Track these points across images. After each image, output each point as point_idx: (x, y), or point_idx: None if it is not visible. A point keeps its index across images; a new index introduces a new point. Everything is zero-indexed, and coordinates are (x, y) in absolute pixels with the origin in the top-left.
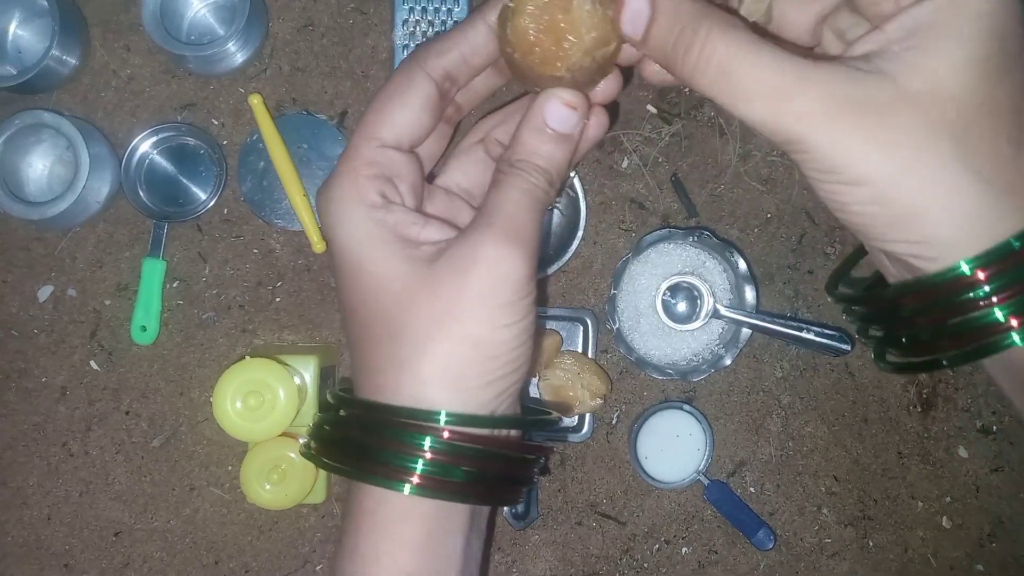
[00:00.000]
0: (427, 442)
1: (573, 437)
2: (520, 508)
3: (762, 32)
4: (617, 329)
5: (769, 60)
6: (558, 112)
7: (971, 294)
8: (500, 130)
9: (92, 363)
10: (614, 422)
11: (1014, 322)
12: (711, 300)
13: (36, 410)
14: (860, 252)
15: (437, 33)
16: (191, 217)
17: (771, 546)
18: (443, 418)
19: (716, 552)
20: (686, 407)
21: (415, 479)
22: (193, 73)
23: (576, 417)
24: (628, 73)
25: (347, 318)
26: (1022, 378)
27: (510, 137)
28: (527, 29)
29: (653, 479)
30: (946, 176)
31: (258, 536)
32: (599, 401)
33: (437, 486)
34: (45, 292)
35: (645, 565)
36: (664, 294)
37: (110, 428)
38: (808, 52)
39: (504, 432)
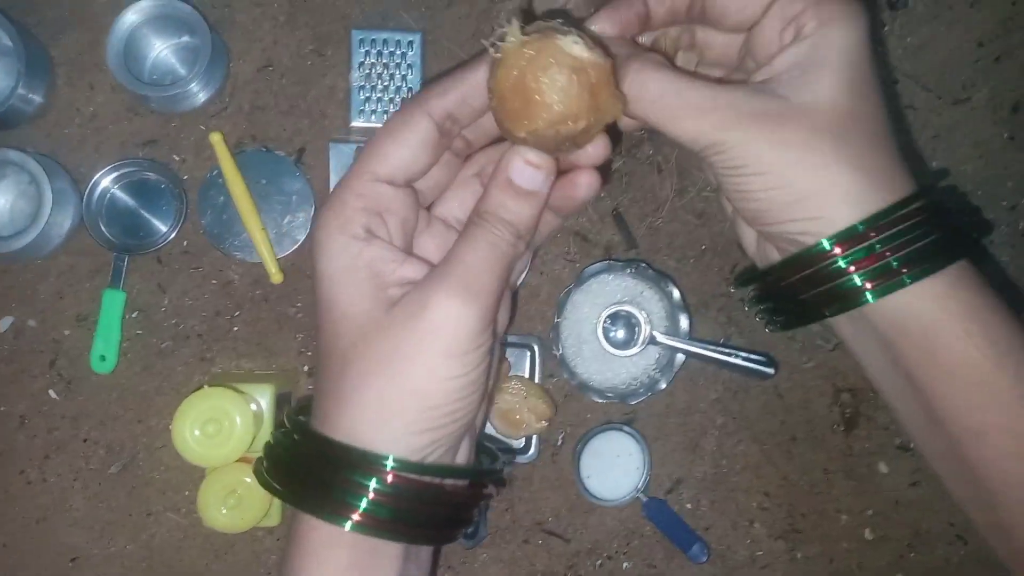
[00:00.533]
0: (372, 482)
1: (520, 458)
2: (469, 527)
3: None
4: (561, 355)
5: (691, 86)
6: (520, 169)
7: (831, 265)
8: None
9: (51, 392)
10: (559, 443)
11: (868, 284)
12: (648, 328)
13: None
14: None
15: (391, 75)
16: (151, 250)
17: (705, 559)
18: (390, 463)
19: (655, 566)
20: (626, 428)
21: (356, 516)
22: (155, 111)
23: (523, 439)
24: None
25: (319, 343)
26: (872, 330)
27: (474, 129)
28: (504, 82)
29: (596, 497)
30: (828, 165)
31: (215, 559)
32: (544, 424)
33: (376, 524)
34: (6, 323)
35: None
36: (604, 322)
37: (68, 455)
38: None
39: (456, 481)
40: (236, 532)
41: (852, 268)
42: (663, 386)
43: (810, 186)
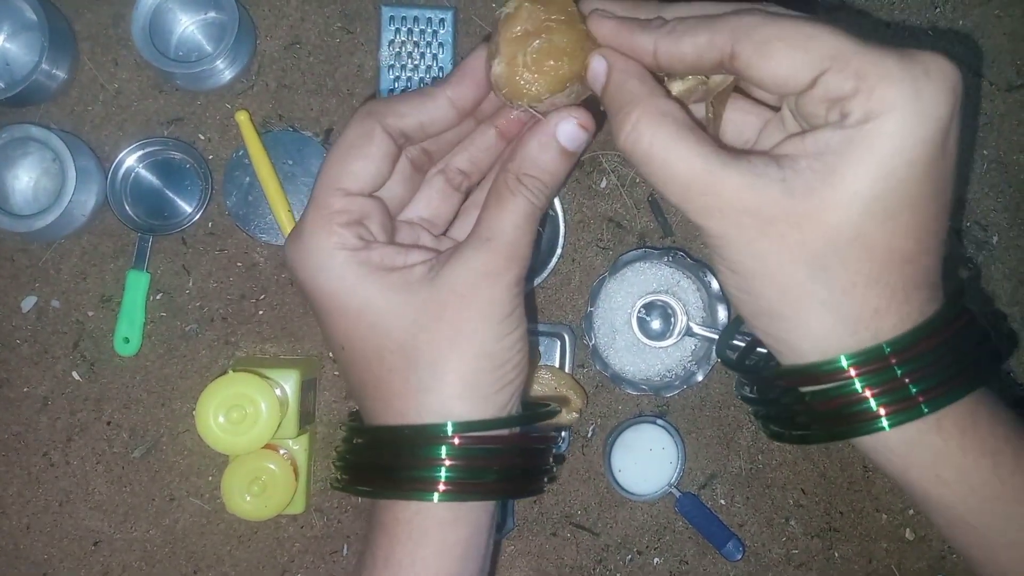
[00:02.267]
0: (443, 451)
1: None
2: (496, 519)
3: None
4: (593, 345)
5: (684, 157)
6: (571, 131)
7: (847, 386)
8: (460, 158)
9: (74, 374)
10: (589, 435)
11: (883, 411)
12: (684, 318)
13: (17, 420)
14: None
15: (422, 54)
16: (176, 230)
17: (740, 557)
18: (450, 428)
19: (687, 563)
20: (659, 421)
21: (441, 487)
22: (181, 89)
23: (553, 430)
24: None
25: (349, 358)
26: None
27: (470, 164)
28: (513, 64)
29: (627, 491)
30: (797, 296)
31: (237, 546)
32: (575, 415)
33: (461, 489)
34: (29, 303)
35: (618, 575)
36: (639, 312)
37: (91, 438)
38: (727, 145)
39: (516, 429)
40: (260, 519)
41: (868, 392)
42: (699, 379)
43: (776, 306)
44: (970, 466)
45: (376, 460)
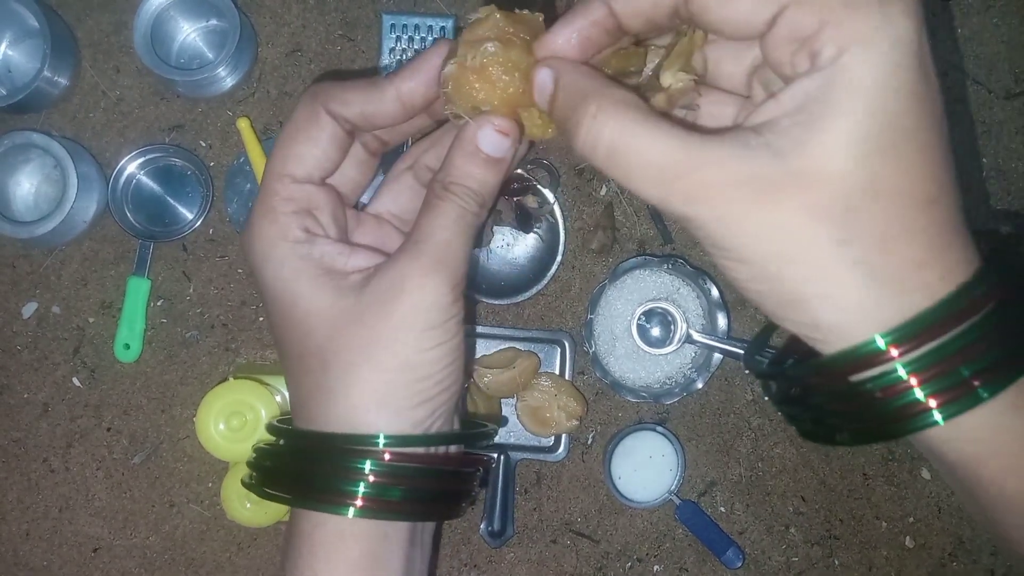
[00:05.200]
0: (367, 465)
1: (549, 457)
2: (496, 526)
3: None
4: (593, 352)
5: (656, 140)
6: (490, 137)
7: (889, 374)
8: (430, 155)
9: (75, 380)
10: (589, 442)
11: (933, 402)
12: (684, 326)
13: (17, 426)
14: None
15: None
16: (177, 237)
17: (740, 564)
18: (382, 440)
19: (687, 570)
20: (659, 429)
21: (358, 502)
22: (182, 96)
23: (552, 437)
24: None
25: (281, 353)
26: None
27: (438, 161)
28: (461, 68)
29: (627, 499)
30: (825, 264)
31: (237, 552)
32: (575, 422)
33: (380, 507)
34: (29, 309)
35: None
36: (639, 319)
37: (91, 444)
38: (698, 127)
39: (442, 449)
40: (259, 526)
41: (914, 380)
42: (699, 386)
43: (803, 287)
44: None
45: (294, 465)
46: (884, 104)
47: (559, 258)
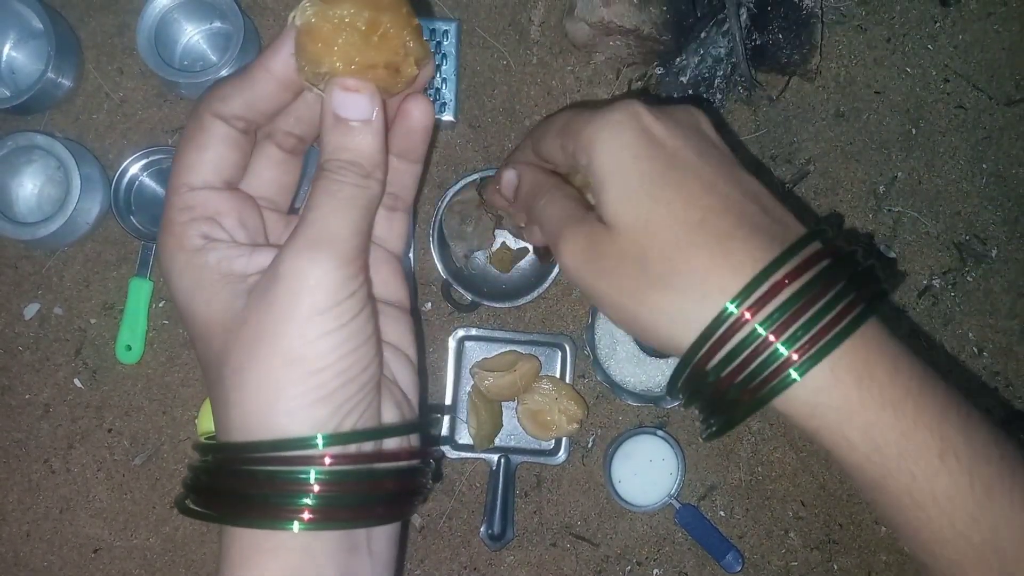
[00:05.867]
0: (312, 474)
1: (550, 460)
2: (496, 529)
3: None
4: (594, 356)
5: (562, 216)
6: (342, 99)
7: (749, 336)
8: (286, 119)
9: (76, 381)
10: (590, 446)
11: (795, 356)
12: None
13: (19, 427)
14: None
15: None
16: None
17: (739, 568)
18: (320, 441)
19: (686, 574)
20: (659, 432)
21: (304, 515)
22: (185, 98)
23: (553, 441)
24: None
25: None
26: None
27: (298, 124)
28: (304, 34)
29: (626, 502)
30: (643, 297)
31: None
32: (576, 426)
33: (328, 517)
34: (31, 310)
35: None
36: None
37: (92, 446)
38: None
39: (368, 446)
40: None
41: (772, 336)
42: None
43: (643, 317)
44: (871, 422)
45: (219, 482)
46: (626, 171)
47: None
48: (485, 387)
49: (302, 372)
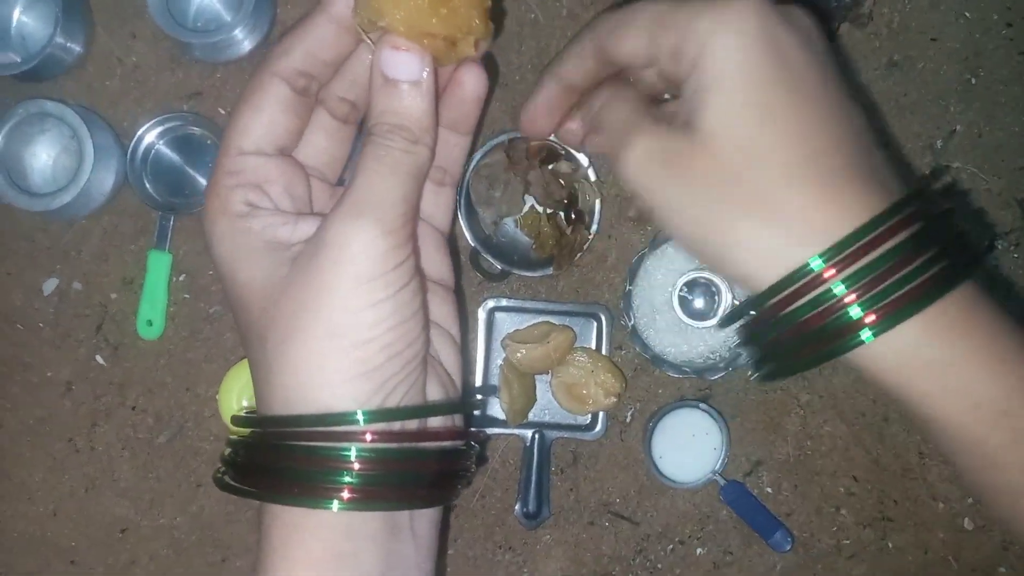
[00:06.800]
0: (352, 451)
1: (586, 435)
2: (531, 507)
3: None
4: (632, 326)
5: (628, 127)
6: (390, 58)
7: (825, 293)
8: (339, 83)
9: (98, 357)
10: (628, 420)
11: (870, 318)
12: (730, 296)
13: (41, 404)
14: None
15: None
16: (197, 209)
17: (788, 548)
18: (361, 418)
19: (731, 553)
20: (702, 405)
21: (344, 493)
22: (199, 60)
23: (589, 415)
24: None
25: (238, 331)
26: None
27: (352, 87)
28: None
29: (668, 478)
30: (736, 219)
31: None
32: (613, 399)
33: (368, 496)
34: (50, 285)
35: (659, 566)
36: (681, 290)
37: (116, 424)
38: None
39: (412, 424)
40: None
41: (852, 296)
42: (744, 361)
43: (724, 244)
44: (971, 379)
45: (259, 457)
46: (743, 79)
47: (595, 227)
48: (517, 360)
49: (345, 344)
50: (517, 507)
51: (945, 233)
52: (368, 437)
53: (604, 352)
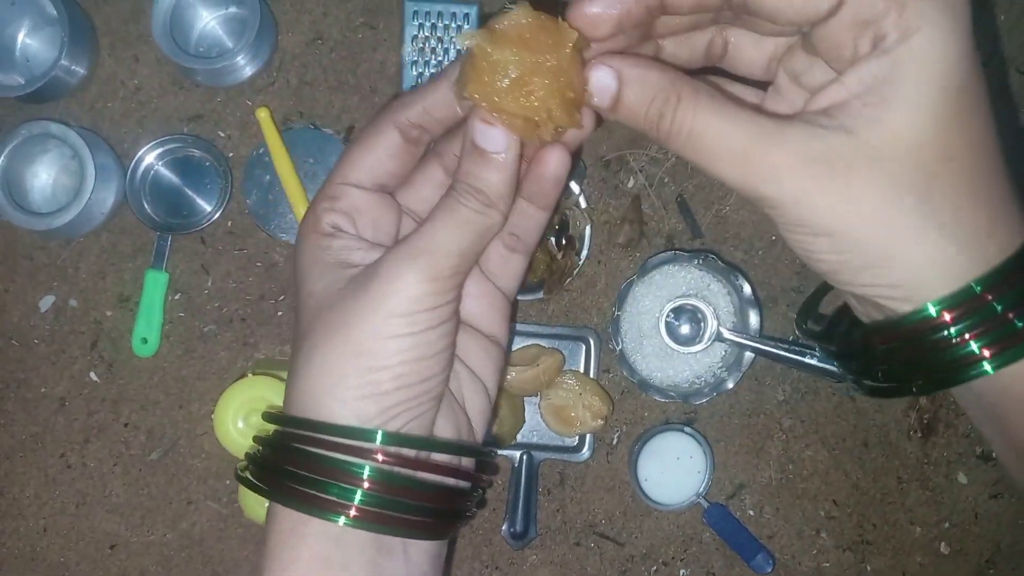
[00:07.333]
0: (365, 469)
1: (573, 457)
2: (518, 527)
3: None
4: (620, 350)
5: (735, 123)
6: (480, 129)
7: (939, 334)
8: (457, 143)
9: (92, 374)
10: (615, 443)
11: (986, 352)
12: (715, 323)
13: (35, 420)
14: (827, 286)
15: (446, 50)
16: (195, 229)
17: (769, 570)
18: (379, 437)
19: (714, 574)
20: (687, 429)
21: (351, 511)
22: (201, 85)
23: (577, 437)
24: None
25: None
26: (987, 407)
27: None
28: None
29: (653, 500)
30: (909, 228)
31: (255, 551)
32: (600, 422)
33: (374, 519)
34: (47, 302)
35: None
36: (668, 316)
37: (108, 440)
38: (762, 108)
39: (424, 454)
40: None
41: (967, 336)
42: (730, 386)
43: (888, 251)
44: None
45: (278, 457)
46: (951, 80)
47: (585, 253)
48: (507, 382)
49: (364, 366)
50: (504, 527)
51: None
52: (379, 457)
53: (592, 375)
